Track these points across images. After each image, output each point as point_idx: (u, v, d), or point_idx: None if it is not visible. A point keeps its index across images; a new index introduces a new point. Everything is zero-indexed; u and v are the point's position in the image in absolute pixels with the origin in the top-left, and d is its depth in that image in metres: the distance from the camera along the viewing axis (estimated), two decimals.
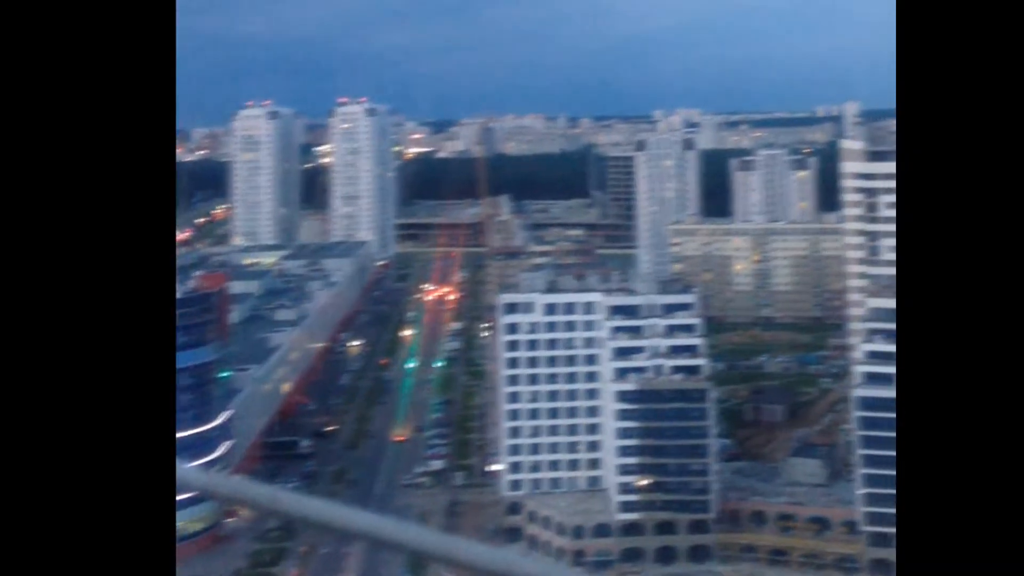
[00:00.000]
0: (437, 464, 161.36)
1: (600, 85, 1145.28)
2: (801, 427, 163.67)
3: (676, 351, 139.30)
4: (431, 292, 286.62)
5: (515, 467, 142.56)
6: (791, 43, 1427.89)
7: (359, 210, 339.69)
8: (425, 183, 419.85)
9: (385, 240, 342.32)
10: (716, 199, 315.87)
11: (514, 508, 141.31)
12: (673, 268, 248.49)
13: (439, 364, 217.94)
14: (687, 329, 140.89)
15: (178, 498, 8.50)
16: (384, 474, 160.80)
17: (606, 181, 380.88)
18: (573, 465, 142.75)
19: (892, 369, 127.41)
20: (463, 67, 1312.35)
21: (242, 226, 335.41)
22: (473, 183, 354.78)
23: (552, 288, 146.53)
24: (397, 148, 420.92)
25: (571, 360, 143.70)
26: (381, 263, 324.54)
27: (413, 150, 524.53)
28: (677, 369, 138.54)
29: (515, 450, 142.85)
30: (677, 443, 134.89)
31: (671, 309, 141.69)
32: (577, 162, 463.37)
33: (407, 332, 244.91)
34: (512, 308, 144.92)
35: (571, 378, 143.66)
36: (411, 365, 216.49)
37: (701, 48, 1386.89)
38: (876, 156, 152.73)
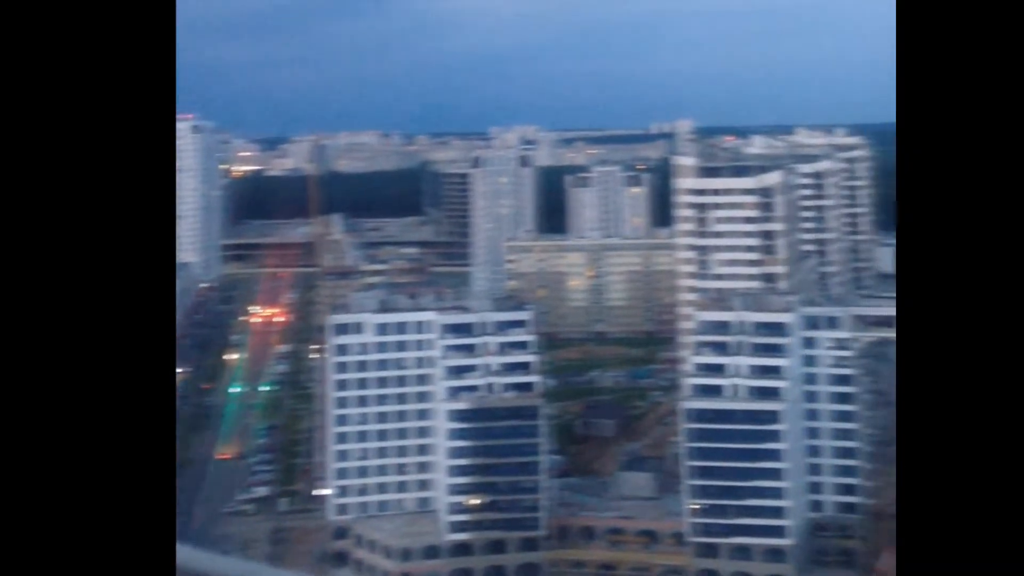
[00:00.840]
0: (262, 490, 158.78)
1: (437, 102, 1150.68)
2: (632, 441, 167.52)
3: (510, 369, 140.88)
4: (259, 314, 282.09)
5: (343, 491, 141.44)
6: (626, 61, 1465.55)
7: (183, 230, 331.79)
8: (254, 202, 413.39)
9: (210, 261, 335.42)
10: (552, 216, 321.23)
11: (341, 533, 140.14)
12: (508, 285, 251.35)
13: (265, 388, 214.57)
14: (521, 346, 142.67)
15: None
16: (206, 502, 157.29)
17: (442, 198, 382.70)
18: (403, 487, 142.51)
19: (720, 381, 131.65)
20: (296, 83, 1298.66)
21: None
22: (304, 202, 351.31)
23: (385, 308, 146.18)
24: (225, 166, 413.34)
25: (403, 381, 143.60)
26: (205, 285, 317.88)
27: (242, 168, 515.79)
28: (510, 387, 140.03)
29: (343, 474, 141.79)
30: (509, 461, 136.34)
31: (505, 327, 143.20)
32: (412, 179, 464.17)
33: (232, 356, 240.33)
34: (343, 329, 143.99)
35: (402, 399, 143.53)
36: (236, 390, 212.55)
37: (539, 65, 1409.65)
38: (708, 172, 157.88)
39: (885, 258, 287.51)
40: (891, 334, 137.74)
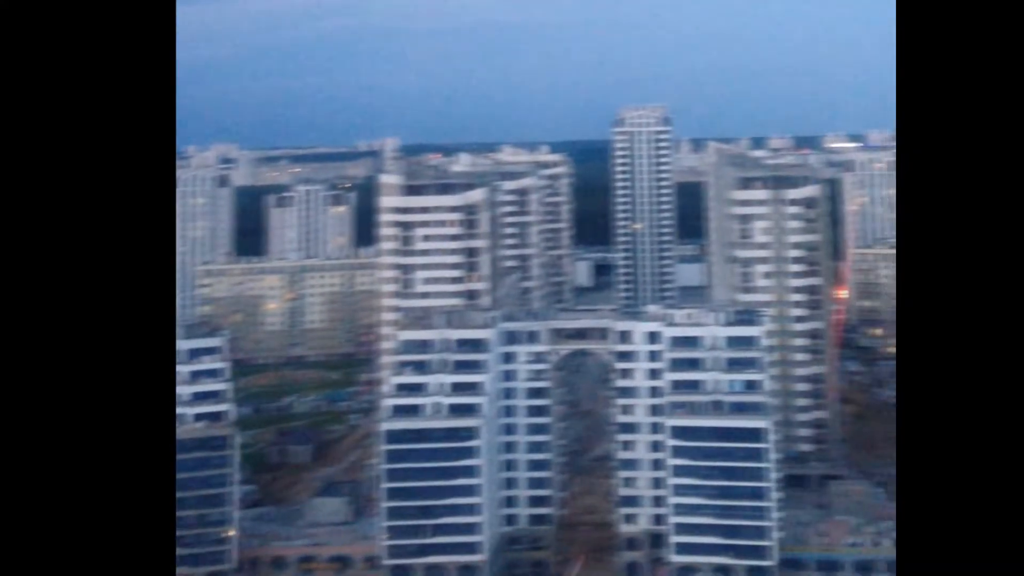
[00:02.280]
0: None
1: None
2: (327, 466, 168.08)
3: (199, 398, 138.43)
4: None
5: None
6: (331, 79, 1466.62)
7: None
8: None
9: None
10: (250, 237, 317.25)
11: None
12: (201, 311, 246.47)
13: None
14: (212, 374, 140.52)
15: None
16: None
17: None
18: None
19: (419, 400, 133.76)
20: None
21: None
22: None
23: None
24: None
25: None
26: None
27: None
28: (199, 417, 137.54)
29: None
30: (195, 494, 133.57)
31: (196, 354, 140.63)
32: None
33: None
34: None
35: None
36: None
37: (239, 82, 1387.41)
38: (412, 190, 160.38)
39: (581, 272, 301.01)
40: (586, 345, 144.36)
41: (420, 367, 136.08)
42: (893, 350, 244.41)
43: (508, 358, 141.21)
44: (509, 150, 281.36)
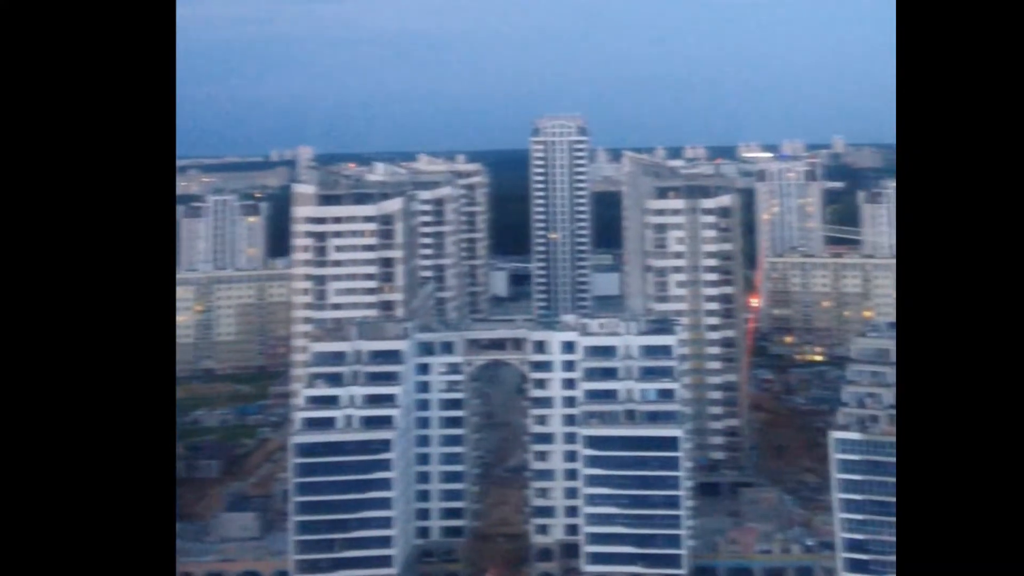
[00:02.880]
0: None
1: None
2: (237, 480, 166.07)
3: None
4: None
5: None
6: (245, 86, 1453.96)
7: None
8: None
9: None
10: None
11: None
12: None
13: None
14: None
15: None
16: None
17: None
18: None
19: (332, 412, 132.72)
20: None
21: None
22: None
23: None
24: None
25: None
26: None
27: None
28: None
29: None
30: None
31: None
32: None
33: None
34: None
35: None
36: None
37: None
38: (327, 200, 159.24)
39: (497, 282, 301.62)
40: (501, 356, 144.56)
41: (333, 379, 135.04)
42: (804, 358, 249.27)
43: (423, 369, 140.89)
44: (425, 159, 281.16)
